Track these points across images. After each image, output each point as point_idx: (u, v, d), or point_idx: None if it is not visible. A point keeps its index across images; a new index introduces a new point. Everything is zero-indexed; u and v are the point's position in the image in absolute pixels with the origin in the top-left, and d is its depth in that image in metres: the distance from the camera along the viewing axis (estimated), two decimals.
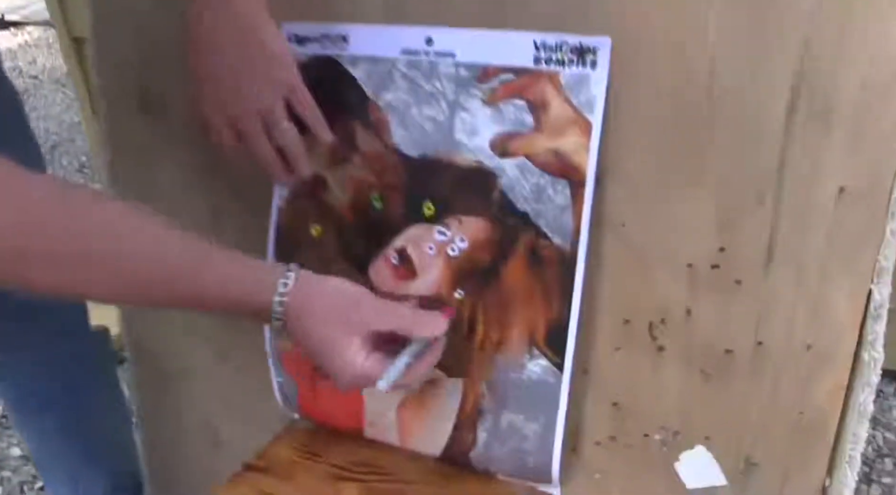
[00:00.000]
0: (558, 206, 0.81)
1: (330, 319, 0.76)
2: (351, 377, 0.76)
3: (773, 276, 0.76)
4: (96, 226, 0.68)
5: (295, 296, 0.75)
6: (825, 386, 0.77)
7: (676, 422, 0.85)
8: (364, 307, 0.78)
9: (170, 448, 1.27)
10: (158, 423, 1.26)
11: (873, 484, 1.66)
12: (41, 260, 0.65)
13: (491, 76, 0.82)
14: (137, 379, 1.25)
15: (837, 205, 0.71)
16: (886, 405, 1.86)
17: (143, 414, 1.28)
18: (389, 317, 0.78)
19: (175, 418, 1.23)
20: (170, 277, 0.72)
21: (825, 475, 0.80)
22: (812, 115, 0.70)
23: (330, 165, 0.91)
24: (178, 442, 1.25)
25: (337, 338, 0.75)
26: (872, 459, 1.72)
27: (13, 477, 1.83)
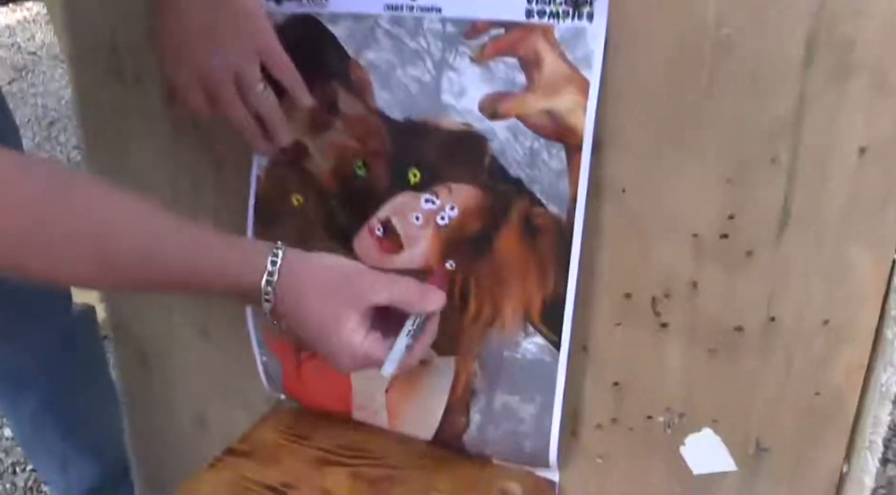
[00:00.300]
0: (553, 172, 0.75)
1: (323, 295, 0.71)
2: (350, 358, 0.72)
3: (786, 245, 0.70)
4: (81, 208, 0.65)
5: (284, 276, 0.71)
6: (843, 365, 0.71)
7: (681, 404, 0.79)
8: (360, 280, 0.73)
9: (155, 430, 1.23)
10: (142, 405, 1.22)
11: (889, 464, 1.61)
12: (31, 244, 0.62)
13: (480, 32, 0.76)
14: (120, 361, 1.21)
15: (859, 165, 0.65)
16: None
17: (127, 397, 1.24)
18: (388, 290, 0.73)
19: (159, 399, 1.19)
20: (154, 262, 0.68)
21: (842, 461, 0.75)
22: (831, 65, 0.64)
23: (310, 131, 0.86)
24: (163, 424, 1.21)
25: (332, 314, 0.71)
26: (888, 438, 1.66)
27: (5, 458, 1.80)
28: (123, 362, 1.20)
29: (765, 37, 0.65)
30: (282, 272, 0.70)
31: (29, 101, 3.98)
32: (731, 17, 0.66)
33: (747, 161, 0.68)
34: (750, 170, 0.69)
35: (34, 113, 3.83)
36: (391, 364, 0.71)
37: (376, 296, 0.72)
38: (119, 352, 1.19)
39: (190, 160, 0.99)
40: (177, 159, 1.00)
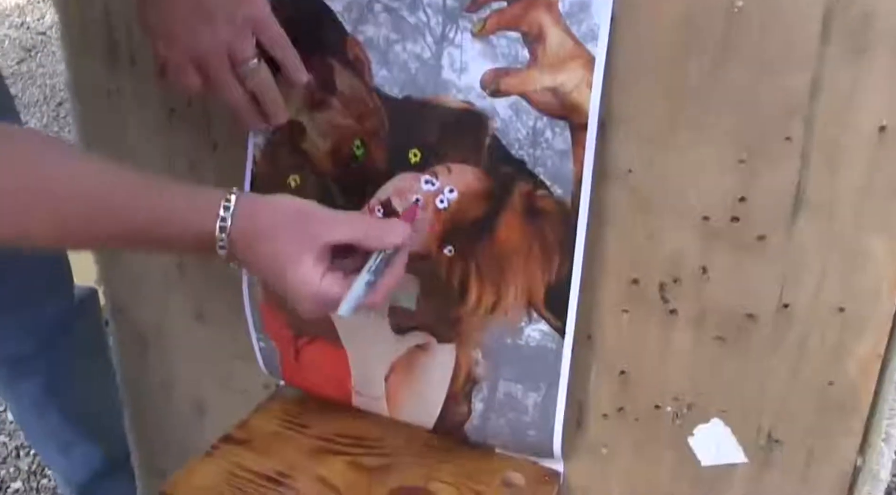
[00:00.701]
0: (557, 152, 0.72)
1: (278, 235, 0.69)
2: (310, 299, 0.69)
3: (800, 230, 0.67)
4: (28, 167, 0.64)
5: (239, 219, 0.69)
6: (858, 353, 0.69)
7: (690, 393, 0.77)
8: (315, 219, 0.71)
9: (154, 415, 1.21)
10: (141, 390, 1.21)
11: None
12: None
13: (481, 5, 0.73)
14: (118, 345, 1.19)
15: (878, 145, 0.62)
16: None
17: (125, 381, 1.22)
18: (344, 228, 0.71)
19: (158, 384, 1.17)
20: (106, 216, 0.67)
21: (857, 453, 0.72)
22: (848, 39, 0.60)
23: (307, 110, 0.83)
24: (162, 409, 1.19)
25: (288, 254, 0.69)
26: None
27: (9, 441, 1.79)
28: (121, 346, 1.19)
29: (779, 9, 0.62)
30: (235, 216, 0.69)
31: (38, 82, 3.98)
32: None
33: (760, 140, 0.65)
34: (762, 150, 0.65)
35: (42, 93, 3.82)
36: (349, 303, 0.67)
37: (332, 233, 0.70)
38: (117, 336, 1.18)
39: (186, 141, 0.97)
40: (172, 140, 0.98)
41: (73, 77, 1.04)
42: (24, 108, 3.62)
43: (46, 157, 0.66)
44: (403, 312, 0.83)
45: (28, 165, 0.64)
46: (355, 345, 0.88)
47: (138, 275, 1.10)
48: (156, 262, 1.07)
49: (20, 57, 4.28)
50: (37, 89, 3.84)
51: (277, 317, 0.91)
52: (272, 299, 0.90)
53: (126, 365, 1.19)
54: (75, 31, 1.01)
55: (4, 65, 4.16)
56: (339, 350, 0.89)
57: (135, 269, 1.10)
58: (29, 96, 3.76)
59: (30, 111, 3.60)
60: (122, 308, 1.13)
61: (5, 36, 4.62)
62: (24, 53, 4.33)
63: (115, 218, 0.68)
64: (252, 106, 0.80)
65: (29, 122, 3.49)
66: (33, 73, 4.05)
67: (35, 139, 0.72)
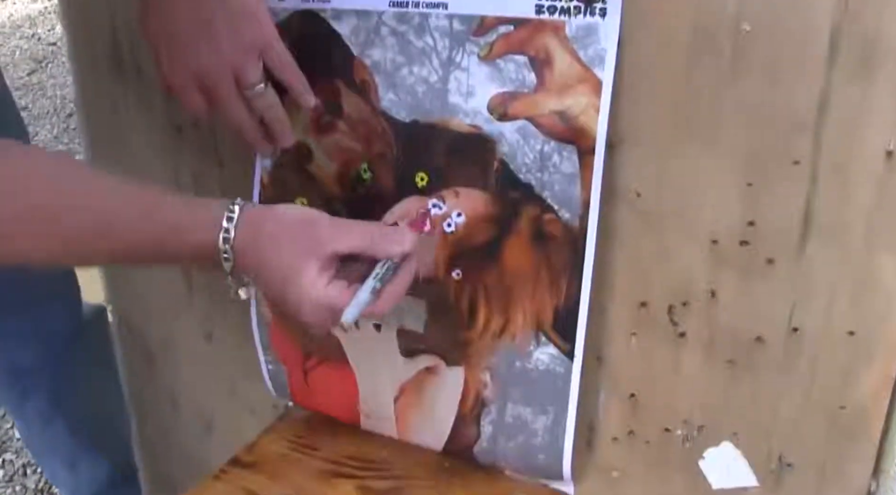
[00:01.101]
0: (565, 175, 0.71)
1: (282, 247, 0.69)
2: (312, 307, 0.69)
3: (810, 253, 0.66)
4: (29, 183, 0.64)
5: (242, 230, 0.69)
6: (870, 377, 0.68)
7: (700, 416, 0.76)
8: (321, 227, 0.70)
9: (162, 432, 1.22)
10: (150, 407, 1.21)
11: None
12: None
13: (488, 28, 0.73)
14: (126, 362, 1.20)
15: (886, 169, 0.61)
16: None
17: (133, 398, 1.23)
18: (348, 236, 0.70)
19: (166, 401, 1.18)
20: (110, 231, 0.67)
21: (870, 478, 0.71)
22: (856, 62, 0.60)
23: (313, 133, 0.83)
24: (170, 427, 1.20)
25: (291, 263, 0.68)
26: None
27: (16, 459, 1.79)
28: (130, 363, 1.19)
29: (786, 32, 0.62)
30: (238, 226, 0.68)
31: (48, 93, 4.01)
32: (751, 12, 0.62)
33: (768, 164, 0.65)
34: (771, 173, 0.65)
35: (53, 104, 3.85)
36: (353, 308, 0.67)
37: (338, 242, 0.69)
38: (125, 353, 1.18)
39: (192, 157, 0.97)
40: (178, 155, 0.99)
41: (80, 90, 1.05)
42: (35, 120, 3.64)
43: (49, 174, 0.65)
44: (412, 335, 0.83)
45: (31, 183, 0.64)
46: (364, 367, 0.88)
47: (146, 293, 1.10)
48: (164, 281, 1.07)
49: (31, 68, 4.31)
50: (47, 101, 3.86)
51: (286, 338, 0.91)
52: (281, 321, 0.90)
53: (133, 381, 1.20)
54: (82, 45, 1.02)
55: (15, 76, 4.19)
56: (347, 372, 0.89)
57: (143, 288, 1.11)
58: (39, 108, 3.79)
59: (40, 122, 3.62)
60: (130, 325, 1.14)
61: (16, 47, 4.66)
62: (35, 64, 4.36)
63: (120, 234, 0.67)
64: (258, 128, 0.80)
65: (39, 133, 3.51)
66: (44, 85, 4.08)
67: (39, 156, 0.72)
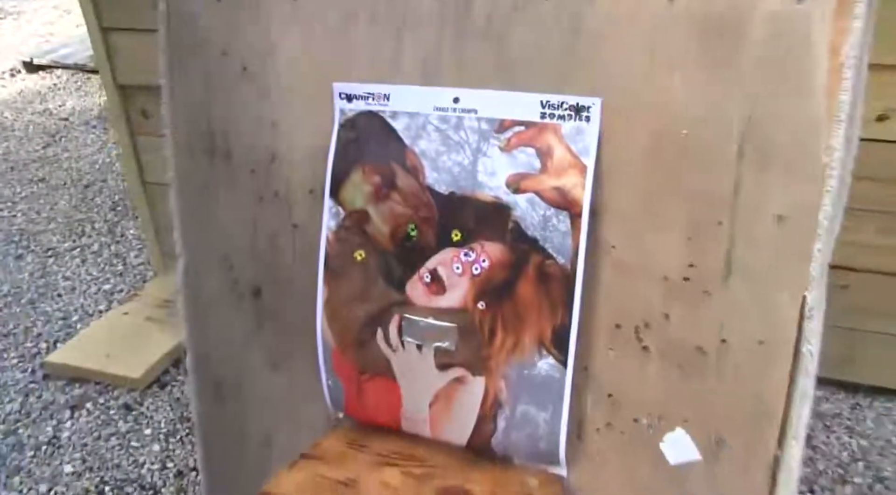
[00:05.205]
0: (561, 233, 1.00)
1: None
2: None
3: (732, 287, 0.95)
4: None
5: None
6: (775, 375, 0.95)
7: (660, 409, 1.03)
8: None
9: (226, 454, 1.43)
10: (215, 431, 1.43)
11: (847, 484, 1.84)
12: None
13: (506, 128, 1.02)
14: (197, 391, 1.42)
15: (778, 228, 0.90)
16: (861, 415, 2.04)
17: (201, 424, 1.45)
18: None
19: (231, 426, 1.40)
20: None
21: (776, 447, 0.97)
22: (756, 157, 0.90)
23: (373, 202, 1.11)
24: (233, 449, 1.41)
25: None
26: (847, 463, 1.90)
27: None
28: (200, 392, 1.42)
29: (711, 137, 0.91)
30: None
31: (63, 165, 4.19)
32: (687, 124, 0.92)
33: (701, 225, 0.94)
34: (703, 231, 0.94)
35: (69, 176, 4.03)
36: None
37: None
38: (196, 383, 1.42)
39: (268, 222, 1.23)
40: (257, 222, 1.24)
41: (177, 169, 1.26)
42: (53, 190, 3.84)
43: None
44: (445, 352, 1.10)
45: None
46: (407, 379, 1.14)
47: (220, 330, 1.35)
48: (236, 318, 1.32)
49: (45, 142, 4.52)
50: (63, 173, 4.05)
51: (346, 359, 1.17)
52: (343, 341, 1.16)
53: (203, 408, 1.43)
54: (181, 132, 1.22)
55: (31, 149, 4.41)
56: (393, 384, 1.15)
57: (216, 325, 1.35)
58: (56, 179, 3.99)
59: (59, 193, 3.82)
60: (203, 356, 1.37)
61: (30, 121, 4.86)
62: (49, 138, 4.57)
63: None
64: None
65: (58, 203, 3.71)
66: (59, 157, 4.27)
67: None
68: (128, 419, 2.23)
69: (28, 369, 2.46)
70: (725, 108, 0.90)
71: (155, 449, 2.11)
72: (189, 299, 1.35)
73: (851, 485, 1.84)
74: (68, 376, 2.40)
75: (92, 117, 4.88)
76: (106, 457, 2.08)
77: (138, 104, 2.56)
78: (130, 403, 2.29)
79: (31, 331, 2.67)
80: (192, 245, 1.30)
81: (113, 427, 2.20)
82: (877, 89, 1.70)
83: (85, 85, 5.58)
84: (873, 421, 2.03)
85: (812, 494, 1.82)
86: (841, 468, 1.88)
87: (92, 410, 2.27)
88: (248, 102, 1.16)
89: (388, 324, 1.12)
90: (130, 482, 2.00)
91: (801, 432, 0.94)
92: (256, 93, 1.15)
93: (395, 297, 1.10)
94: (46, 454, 2.10)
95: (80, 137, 4.58)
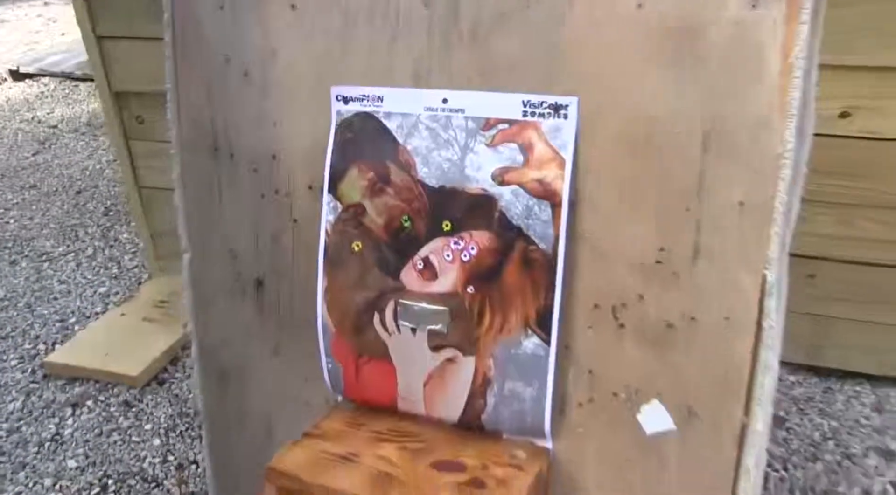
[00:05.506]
0: (543, 221, 1.09)
1: None
2: None
3: (699, 268, 1.04)
4: None
5: None
6: (739, 349, 1.04)
7: (636, 383, 1.12)
8: None
9: (230, 440, 1.51)
10: (220, 418, 1.51)
11: (818, 462, 1.94)
12: None
13: (491, 126, 1.11)
14: (202, 381, 1.51)
15: (740, 214, 0.99)
16: (833, 398, 2.14)
17: (206, 411, 1.53)
18: None
19: (235, 412, 1.48)
20: None
21: (743, 415, 1.06)
22: (719, 149, 0.99)
23: (368, 196, 1.19)
24: (236, 433, 1.50)
25: None
26: (819, 442, 2.00)
27: None
28: (205, 380, 1.51)
29: (678, 132, 1.00)
30: None
31: (55, 172, 4.25)
32: (657, 121, 1.01)
33: (670, 212, 1.03)
34: (673, 217, 1.03)
35: (61, 182, 4.10)
36: None
37: None
38: (202, 371, 1.50)
39: (270, 217, 1.31)
40: (259, 217, 1.33)
41: (182, 169, 1.36)
42: (46, 197, 3.91)
43: None
44: (438, 334, 1.18)
45: None
46: (402, 361, 1.23)
47: (223, 319, 1.43)
48: (239, 307, 1.40)
49: (35, 149, 4.58)
50: (55, 179, 4.12)
51: (345, 343, 1.26)
52: (342, 326, 1.25)
53: (207, 397, 1.51)
54: (186, 134, 1.32)
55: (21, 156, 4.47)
56: (389, 366, 1.24)
57: (219, 315, 1.43)
58: (48, 185, 4.05)
59: (50, 199, 3.89)
60: (209, 347, 1.46)
61: (18, 129, 4.92)
62: (39, 145, 4.63)
63: None
64: None
65: (50, 209, 3.77)
66: (49, 164, 4.34)
67: None
68: (128, 415, 2.30)
69: (28, 370, 2.53)
70: (690, 106, 0.99)
71: (155, 444, 2.18)
72: (194, 292, 1.44)
73: (822, 462, 1.94)
74: (68, 375, 2.47)
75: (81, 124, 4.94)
76: (108, 452, 2.16)
77: (133, 110, 2.64)
78: (130, 400, 2.36)
79: (29, 333, 2.74)
80: (196, 240, 1.39)
81: (114, 423, 2.27)
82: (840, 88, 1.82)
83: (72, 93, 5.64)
84: (843, 403, 2.13)
85: (786, 471, 1.91)
86: (813, 447, 1.99)
87: (93, 407, 2.34)
88: (250, 105, 1.25)
89: (385, 309, 1.20)
90: (133, 475, 2.07)
91: (765, 400, 1.04)
92: (258, 96, 1.24)
93: (391, 284, 1.18)
94: (50, 450, 2.17)
95: (70, 144, 4.64)
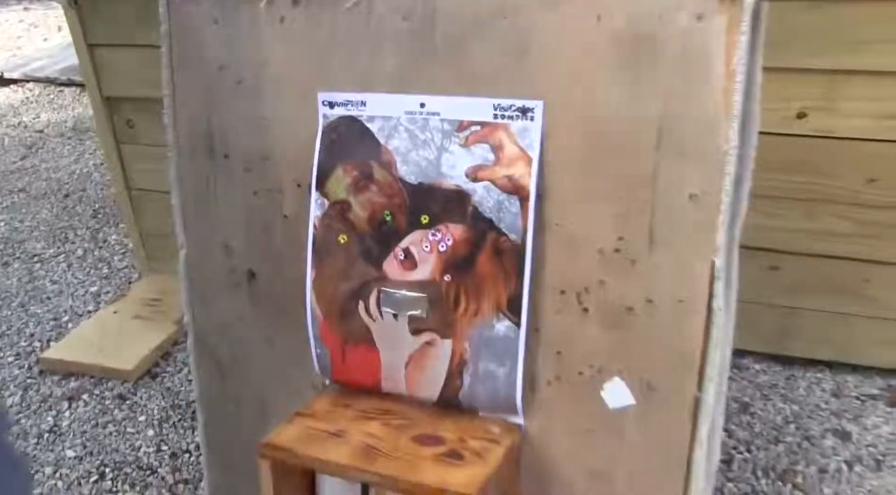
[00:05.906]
0: (512, 214, 1.19)
1: None
2: None
3: (655, 256, 1.14)
4: None
5: None
6: (693, 328, 1.14)
7: (599, 362, 1.21)
8: None
9: (227, 427, 1.60)
10: (216, 405, 1.60)
11: (780, 443, 2.05)
12: None
13: (465, 128, 1.21)
14: (199, 370, 1.60)
15: (691, 205, 1.10)
16: (795, 385, 2.25)
17: (204, 399, 1.62)
18: None
19: (231, 399, 1.57)
20: None
21: (696, 390, 1.17)
22: (671, 146, 1.09)
23: (353, 192, 1.29)
24: (233, 419, 1.58)
25: None
26: (781, 425, 2.11)
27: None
28: (201, 369, 1.60)
29: (632, 130, 1.11)
30: None
31: (42, 176, 4.31)
32: (614, 121, 1.11)
33: (627, 203, 1.13)
34: (630, 208, 1.13)
35: (49, 186, 4.16)
36: None
37: None
38: (197, 360, 1.59)
39: (262, 213, 1.41)
40: (252, 213, 1.42)
41: (178, 169, 1.45)
42: (34, 200, 3.97)
43: None
44: (418, 319, 1.28)
45: None
46: (385, 345, 1.32)
47: (218, 312, 1.52)
48: (233, 300, 1.50)
49: (22, 154, 4.64)
50: (43, 183, 4.18)
51: (332, 329, 1.36)
52: (329, 314, 1.35)
53: (204, 385, 1.60)
54: (183, 135, 1.42)
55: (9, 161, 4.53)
56: (373, 350, 1.33)
57: (215, 308, 1.53)
58: (36, 189, 4.12)
59: (40, 203, 3.95)
60: (204, 336, 1.55)
61: (4, 134, 4.97)
62: (26, 150, 4.69)
63: None
64: None
65: (40, 212, 3.84)
66: (37, 168, 4.40)
67: None
68: (123, 408, 2.39)
69: (24, 366, 2.61)
70: (645, 107, 1.10)
71: (150, 434, 2.27)
72: (190, 285, 1.54)
73: (783, 444, 2.05)
74: (64, 371, 2.56)
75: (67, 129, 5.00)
76: (105, 443, 2.24)
77: (123, 115, 2.73)
78: (124, 393, 2.45)
79: (24, 331, 2.82)
80: (193, 236, 1.49)
81: (109, 415, 2.36)
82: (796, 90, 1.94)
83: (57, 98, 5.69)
84: (805, 389, 2.24)
85: (749, 453, 2.02)
86: (775, 430, 2.10)
87: (88, 401, 2.43)
88: (244, 110, 1.35)
89: (368, 297, 1.30)
90: (128, 464, 2.16)
91: (715, 375, 1.14)
92: (250, 101, 1.34)
93: (374, 274, 1.28)
94: (49, 441, 2.26)
95: (57, 149, 4.69)
